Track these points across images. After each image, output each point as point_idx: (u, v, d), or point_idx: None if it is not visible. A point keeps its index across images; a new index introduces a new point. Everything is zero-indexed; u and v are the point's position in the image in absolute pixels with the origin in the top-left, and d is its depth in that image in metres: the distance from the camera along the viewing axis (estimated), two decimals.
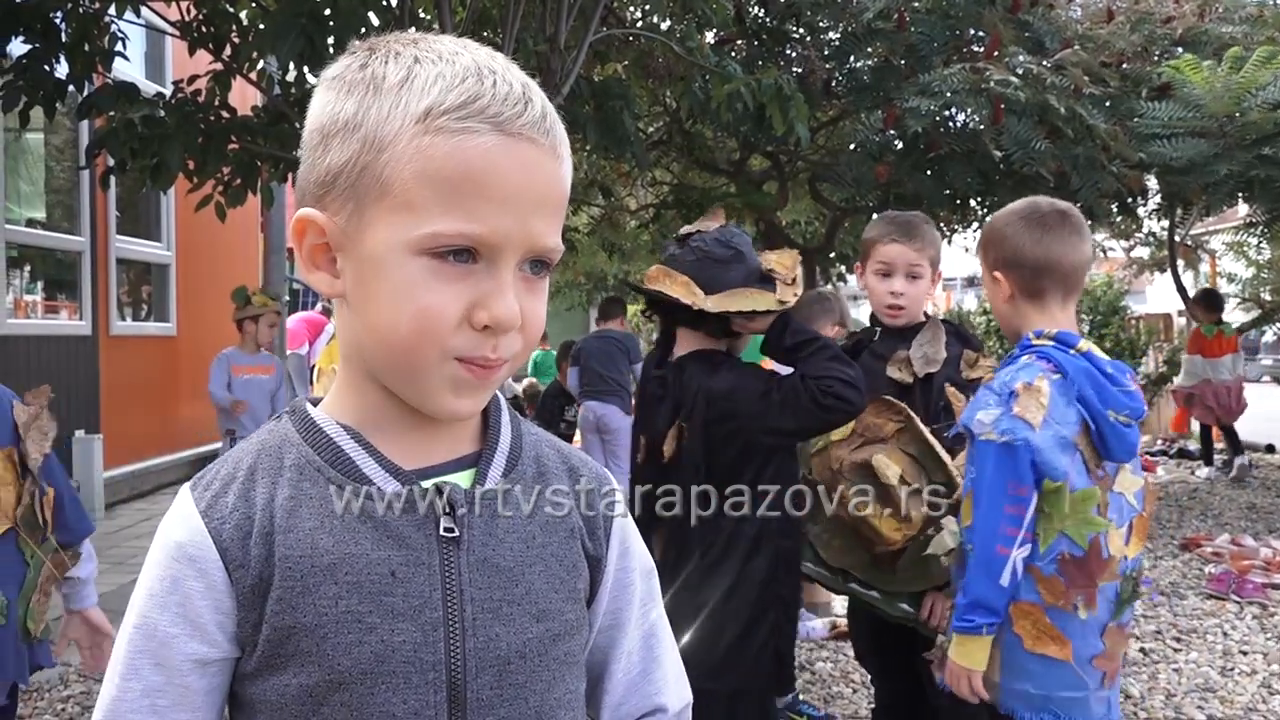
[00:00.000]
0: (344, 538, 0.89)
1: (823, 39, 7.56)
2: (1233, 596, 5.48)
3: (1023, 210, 2.20)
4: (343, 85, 0.88)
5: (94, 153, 5.19)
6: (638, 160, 6.83)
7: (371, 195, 0.84)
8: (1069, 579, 2.02)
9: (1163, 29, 7.31)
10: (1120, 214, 9.15)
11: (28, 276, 8.07)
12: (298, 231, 0.89)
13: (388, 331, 0.86)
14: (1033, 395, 2.02)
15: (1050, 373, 2.06)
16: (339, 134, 0.86)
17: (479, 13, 5.52)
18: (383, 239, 0.85)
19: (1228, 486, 9.03)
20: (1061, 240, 2.14)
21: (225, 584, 0.88)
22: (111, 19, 5.20)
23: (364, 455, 0.92)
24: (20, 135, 7.30)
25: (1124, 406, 2.03)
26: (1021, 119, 6.28)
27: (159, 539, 0.91)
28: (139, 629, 0.89)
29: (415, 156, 0.82)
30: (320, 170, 0.87)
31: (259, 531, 0.88)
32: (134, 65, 7.67)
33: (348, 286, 0.89)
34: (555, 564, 0.97)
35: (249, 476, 0.92)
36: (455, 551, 0.92)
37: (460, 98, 0.82)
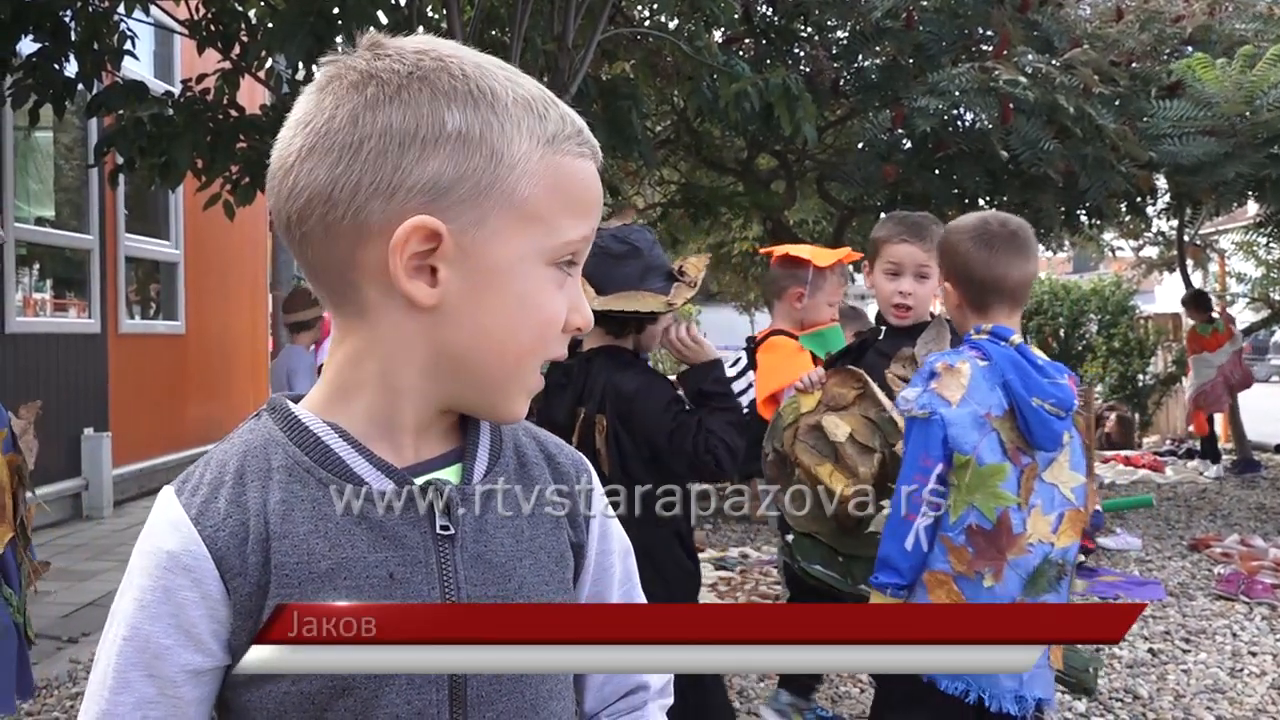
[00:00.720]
0: (340, 541, 0.88)
1: (831, 38, 7.54)
2: (1242, 597, 5.46)
3: (974, 229, 2.33)
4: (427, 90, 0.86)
5: (103, 151, 5.20)
6: (645, 159, 6.83)
7: (500, 208, 0.87)
8: (976, 549, 2.15)
9: (1172, 27, 7.28)
10: (1129, 213, 9.12)
11: (37, 275, 8.10)
12: (402, 240, 0.85)
13: (505, 339, 0.90)
14: (953, 375, 2.21)
15: (978, 359, 2.23)
16: (444, 143, 0.85)
17: (487, 11, 5.52)
18: (512, 249, 0.88)
19: (1237, 487, 9.00)
20: (1007, 261, 2.27)
21: (221, 593, 0.87)
22: (120, 18, 5.22)
23: (354, 454, 0.91)
24: (30, 134, 7.33)
25: (1049, 395, 2.15)
26: (1030, 118, 6.26)
27: (146, 546, 0.89)
28: (129, 640, 0.87)
29: (547, 174, 0.88)
30: (417, 177, 0.85)
31: (255, 538, 0.87)
32: (143, 64, 7.69)
33: (448, 296, 0.88)
34: (544, 556, 0.97)
35: (238, 480, 0.90)
36: (451, 549, 0.91)
37: (577, 126, 0.91)
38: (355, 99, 0.86)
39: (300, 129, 0.88)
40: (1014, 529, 2.13)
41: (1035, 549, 2.15)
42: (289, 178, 0.88)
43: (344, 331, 0.93)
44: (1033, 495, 2.16)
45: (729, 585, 5.71)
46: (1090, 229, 9.72)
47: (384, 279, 0.87)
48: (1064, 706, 4.08)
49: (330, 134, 0.86)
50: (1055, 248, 11.40)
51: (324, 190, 0.86)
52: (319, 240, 0.88)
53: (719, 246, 13.09)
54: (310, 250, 0.89)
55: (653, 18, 7.33)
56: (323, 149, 0.86)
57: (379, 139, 0.85)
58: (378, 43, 0.89)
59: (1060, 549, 2.18)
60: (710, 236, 11.79)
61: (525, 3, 4.88)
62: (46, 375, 7.30)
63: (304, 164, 0.87)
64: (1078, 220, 8.52)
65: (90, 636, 4.52)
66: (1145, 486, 8.95)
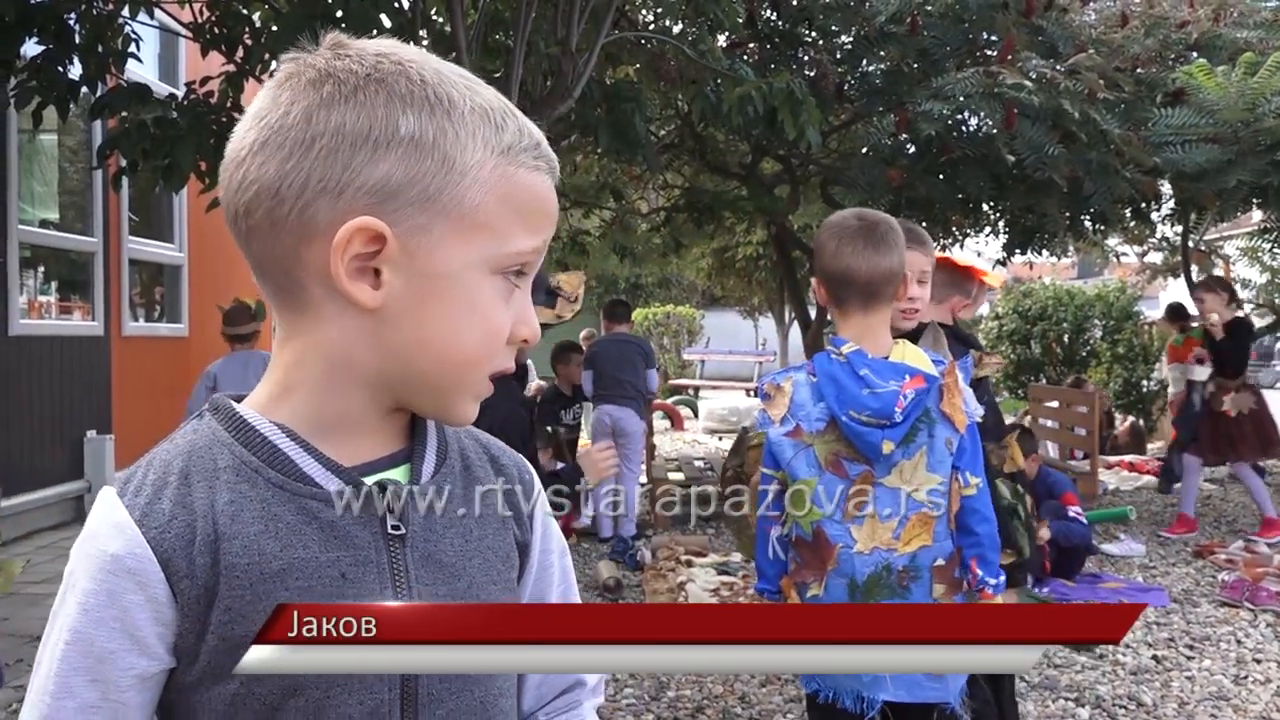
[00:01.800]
0: (290, 541, 0.87)
1: (835, 43, 7.54)
2: (1246, 604, 5.44)
3: (833, 223, 2.35)
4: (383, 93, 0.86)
5: (106, 153, 5.20)
6: (648, 163, 6.83)
7: (448, 214, 0.86)
8: (803, 559, 2.25)
9: (1177, 34, 7.27)
10: (1134, 219, 9.12)
11: (41, 277, 8.11)
12: (344, 240, 0.85)
13: (447, 347, 0.89)
14: (779, 393, 2.30)
15: (809, 375, 2.29)
16: (395, 146, 0.85)
17: (491, 15, 5.52)
18: (458, 256, 0.88)
19: (1242, 494, 8.97)
20: (857, 253, 2.26)
21: (167, 596, 0.85)
22: (125, 21, 5.22)
23: (302, 454, 0.90)
24: (34, 136, 7.34)
25: (864, 407, 2.17)
26: (1035, 123, 6.25)
27: (88, 549, 0.87)
28: (72, 645, 0.85)
29: (500, 183, 0.88)
30: (368, 178, 0.85)
31: (203, 539, 0.86)
32: (148, 67, 7.70)
33: (391, 299, 0.87)
34: (492, 556, 0.98)
35: (182, 480, 0.88)
36: (402, 549, 0.91)
37: (535, 139, 0.92)
38: (311, 96, 0.86)
39: (255, 123, 0.88)
40: (830, 540, 2.18)
41: (867, 557, 2.16)
42: (239, 170, 0.87)
43: (289, 330, 0.92)
44: (867, 504, 2.18)
45: (731, 590, 5.71)
46: (1095, 234, 9.71)
47: (328, 279, 0.86)
48: (1067, 714, 4.07)
49: (284, 129, 0.85)
50: (1060, 253, 11.38)
51: (272, 185, 0.85)
52: (265, 235, 0.87)
53: (723, 251, 13.11)
54: (256, 245, 0.89)
55: (657, 22, 7.34)
56: (275, 144, 0.86)
57: (331, 137, 0.85)
58: (340, 42, 0.89)
59: (905, 554, 2.17)
60: (714, 241, 11.81)
61: (529, 6, 4.88)
62: (50, 377, 7.30)
63: (255, 158, 0.86)
64: (1082, 225, 8.51)
65: None
66: (1148, 492, 8.93)
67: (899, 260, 2.28)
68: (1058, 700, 4.20)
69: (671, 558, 6.38)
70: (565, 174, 8.99)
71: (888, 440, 2.16)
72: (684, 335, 24.10)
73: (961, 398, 2.25)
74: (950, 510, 2.23)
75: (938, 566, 2.19)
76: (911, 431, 2.19)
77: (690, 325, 24.12)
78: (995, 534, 2.29)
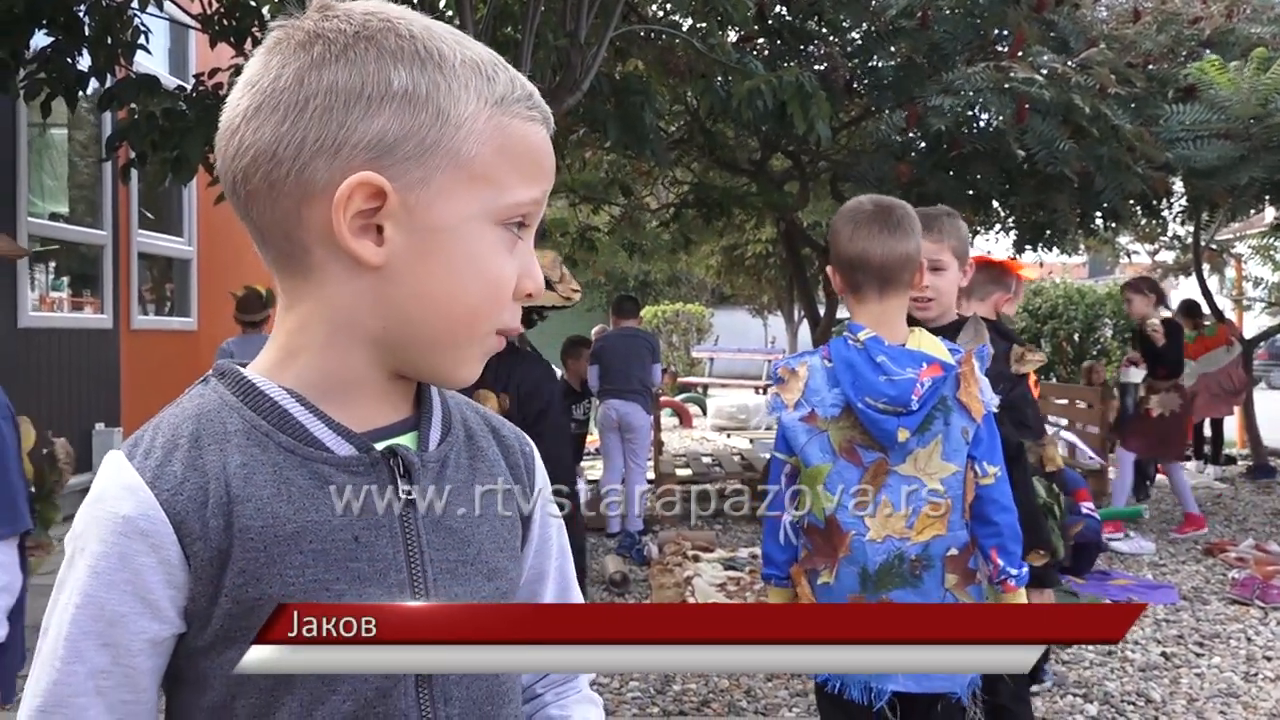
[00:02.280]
0: (304, 505, 0.87)
1: (845, 37, 7.52)
2: (1256, 602, 5.42)
3: (848, 208, 2.35)
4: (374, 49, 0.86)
5: (115, 144, 5.21)
6: (658, 158, 6.81)
7: (446, 166, 0.86)
8: (814, 546, 2.24)
9: (1190, 29, 7.24)
10: (1145, 216, 9.08)
11: (53, 272, 8.12)
12: (345, 196, 0.85)
13: (452, 300, 0.89)
14: (793, 378, 2.28)
15: (824, 360, 2.26)
16: (390, 101, 0.85)
17: (500, 8, 5.51)
18: (456, 209, 0.87)
19: (1252, 492, 8.94)
20: (871, 237, 2.25)
21: (180, 558, 0.84)
22: (134, 13, 5.23)
23: (313, 419, 0.90)
24: (44, 130, 7.35)
25: (881, 394, 2.15)
26: (1046, 118, 6.22)
27: (95, 511, 0.85)
28: (83, 608, 0.84)
29: (495, 134, 0.88)
30: (365, 134, 0.85)
31: (215, 501, 0.85)
32: (157, 59, 7.71)
33: (394, 256, 0.87)
34: (499, 524, 0.98)
35: (193, 443, 0.87)
36: (413, 514, 0.91)
37: (527, 90, 0.92)
38: (302, 58, 0.86)
39: (248, 89, 0.87)
40: (842, 527, 2.17)
41: (879, 545, 2.15)
42: (235, 137, 0.87)
43: (292, 297, 0.91)
44: (881, 491, 2.17)
45: (738, 585, 5.70)
46: (1106, 231, 9.67)
47: (330, 239, 0.86)
48: (1075, 710, 4.05)
49: (276, 93, 0.85)
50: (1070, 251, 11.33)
51: (269, 148, 0.85)
52: (264, 199, 0.87)
53: (732, 249, 13.08)
54: (255, 210, 0.88)
55: (666, 16, 7.32)
56: (269, 107, 0.85)
57: (324, 96, 0.85)
58: (326, 5, 0.89)
59: (918, 543, 2.16)
60: (723, 238, 11.78)
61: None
62: (59, 370, 7.32)
63: (250, 123, 0.86)
64: (1093, 222, 8.47)
65: None
66: (1159, 490, 8.89)
67: (915, 245, 2.27)
68: (1066, 696, 4.18)
69: (678, 552, 6.37)
70: (574, 169, 8.98)
71: (903, 428, 2.14)
72: (693, 333, 24.10)
73: (978, 386, 2.23)
74: (965, 500, 2.21)
75: (951, 556, 2.17)
76: (927, 419, 2.17)
77: (699, 323, 24.12)
78: (1015, 524, 2.26)
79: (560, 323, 16.92)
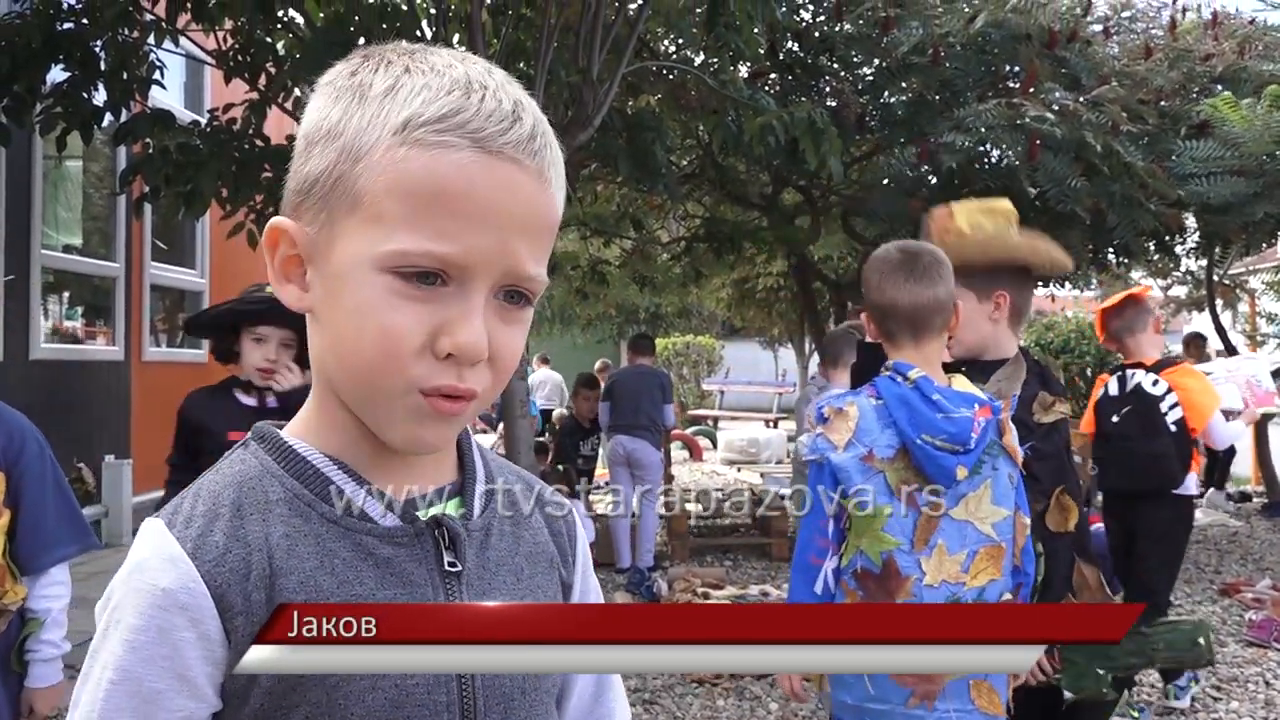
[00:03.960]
0: (347, 578, 0.84)
1: (857, 73, 7.54)
2: (1275, 644, 5.34)
3: (877, 256, 2.35)
4: (332, 92, 0.84)
5: (129, 179, 5.24)
6: (669, 192, 6.82)
7: (344, 206, 0.80)
8: (867, 593, 2.16)
9: (1202, 66, 7.24)
10: (1158, 252, 9.05)
11: (67, 303, 8.15)
12: (270, 241, 0.85)
13: (350, 352, 0.82)
14: (840, 418, 2.21)
15: (872, 399, 2.22)
16: (320, 141, 0.83)
17: (512, 44, 5.54)
18: (350, 253, 0.80)
19: (1269, 531, 8.85)
20: (898, 285, 2.25)
21: (220, 633, 0.81)
22: (150, 48, 5.27)
23: (355, 487, 0.87)
24: (60, 162, 7.40)
25: (940, 431, 2.12)
26: (1058, 155, 6.22)
27: (134, 582, 0.82)
28: (118, 685, 0.80)
29: (389, 168, 0.78)
30: (299, 178, 0.84)
31: (258, 574, 0.82)
32: (173, 94, 7.77)
33: (315, 301, 0.85)
34: (542, 595, 0.95)
35: (235, 512, 0.84)
36: (457, 586, 0.88)
37: (441, 110, 0.78)
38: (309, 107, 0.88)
39: None
40: (901, 571, 2.12)
41: (936, 590, 2.11)
42: None
43: None
44: (935, 534, 2.13)
45: None
46: (1118, 267, 9.64)
47: None
48: None
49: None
50: (1082, 285, 11.31)
51: None
52: None
53: (743, 281, 13.09)
54: None
55: (678, 52, 7.35)
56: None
57: (298, 144, 0.86)
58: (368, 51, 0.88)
59: (974, 588, 2.13)
60: (734, 271, 11.79)
61: (550, 36, 4.90)
62: (70, 401, 7.33)
63: None
64: (1106, 258, 8.45)
65: None
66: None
67: (945, 291, 2.25)
68: None
69: (688, 589, 6.33)
70: (585, 203, 9.01)
71: (961, 466, 2.12)
72: (703, 366, 24.08)
73: (1012, 435, 2.24)
74: (1017, 545, 2.20)
75: (1005, 602, 2.16)
76: (978, 463, 2.15)
77: (710, 356, 24.10)
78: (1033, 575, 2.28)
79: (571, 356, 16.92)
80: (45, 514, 2.27)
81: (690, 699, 4.56)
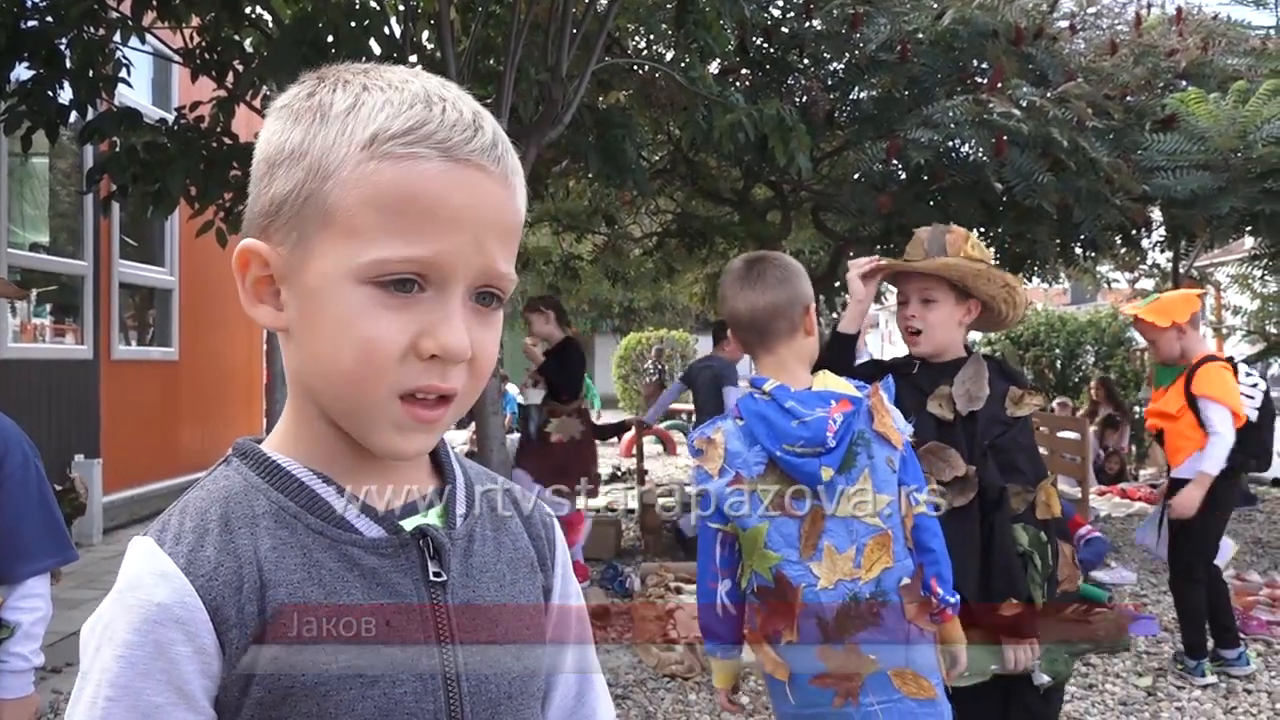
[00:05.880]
0: (334, 588, 0.85)
1: (826, 70, 7.57)
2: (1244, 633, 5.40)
3: (726, 269, 2.40)
4: (290, 114, 0.86)
5: (96, 177, 5.20)
6: (640, 188, 6.83)
7: (315, 224, 0.83)
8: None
9: (1166, 62, 7.31)
10: (1124, 246, 9.14)
11: (34, 300, 8.08)
12: (240, 264, 0.87)
13: (330, 365, 0.84)
14: (711, 447, 2.24)
15: (736, 420, 2.25)
16: (284, 163, 0.84)
17: (482, 41, 5.53)
18: (326, 268, 0.83)
19: (1233, 521, 8.94)
20: (735, 295, 2.31)
21: (215, 646, 0.82)
22: (116, 46, 5.23)
23: (338, 498, 0.88)
24: (26, 160, 7.33)
25: (796, 438, 2.15)
26: (1024, 151, 6.27)
27: (127, 599, 0.82)
28: (116, 701, 0.81)
29: (360, 182, 0.81)
30: (265, 200, 0.86)
31: (249, 586, 0.83)
32: (141, 91, 7.71)
33: (291, 320, 0.86)
34: (523, 600, 0.97)
35: (223, 527, 0.86)
36: (442, 595, 0.90)
37: (407, 123, 0.81)
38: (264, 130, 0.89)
39: None
40: (793, 582, 2.14)
41: (832, 592, 2.13)
42: None
43: None
44: (821, 537, 2.15)
45: None
46: (1085, 261, 9.73)
47: None
48: None
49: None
50: (1051, 279, 11.40)
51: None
52: None
53: (715, 276, 13.12)
54: None
55: (648, 48, 7.36)
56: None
57: (257, 167, 0.87)
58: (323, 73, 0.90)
59: (869, 581, 2.15)
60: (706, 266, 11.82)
61: (520, 33, 4.90)
62: (38, 400, 7.27)
63: None
64: (1073, 252, 8.52)
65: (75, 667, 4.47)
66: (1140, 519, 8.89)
67: (785, 294, 2.27)
68: None
69: (661, 584, 6.34)
70: (557, 199, 9.00)
71: (825, 466, 2.14)
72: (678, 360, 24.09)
73: (890, 417, 2.25)
74: (905, 528, 2.23)
75: (904, 586, 2.17)
76: (849, 456, 2.17)
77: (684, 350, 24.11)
78: (945, 549, 2.30)
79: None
80: (23, 524, 2.25)
81: (662, 693, 4.58)
